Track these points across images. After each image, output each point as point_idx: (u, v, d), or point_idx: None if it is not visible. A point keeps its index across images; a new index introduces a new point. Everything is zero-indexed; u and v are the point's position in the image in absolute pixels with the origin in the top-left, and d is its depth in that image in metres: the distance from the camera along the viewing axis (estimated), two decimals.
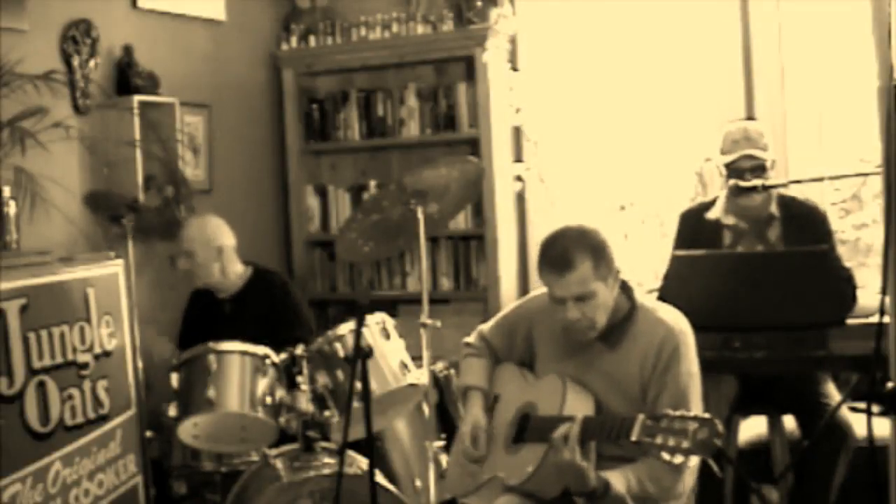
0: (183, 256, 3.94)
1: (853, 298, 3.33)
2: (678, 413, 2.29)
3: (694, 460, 2.40)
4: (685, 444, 2.23)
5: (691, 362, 2.62)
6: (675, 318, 2.66)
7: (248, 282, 3.99)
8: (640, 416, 2.35)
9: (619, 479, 2.47)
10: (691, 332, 2.66)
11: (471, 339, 3.02)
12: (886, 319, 2.12)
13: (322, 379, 3.30)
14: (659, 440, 2.28)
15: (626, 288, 2.70)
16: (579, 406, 2.59)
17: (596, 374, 2.66)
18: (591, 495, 2.44)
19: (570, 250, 2.57)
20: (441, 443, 3.45)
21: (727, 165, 3.54)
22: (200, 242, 3.91)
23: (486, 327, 3.02)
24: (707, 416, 2.26)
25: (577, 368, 2.69)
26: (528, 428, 2.70)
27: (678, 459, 2.26)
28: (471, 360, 2.97)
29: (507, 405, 2.82)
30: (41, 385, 3.06)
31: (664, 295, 3.06)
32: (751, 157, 3.49)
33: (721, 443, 2.22)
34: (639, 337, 2.63)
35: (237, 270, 3.99)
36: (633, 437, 2.33)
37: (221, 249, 3.92)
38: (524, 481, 2.61)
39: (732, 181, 3.44)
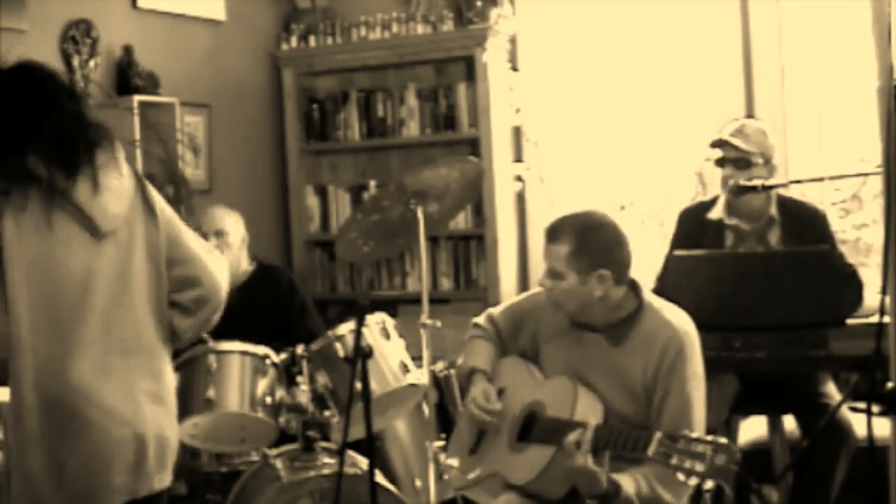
0: (212, 235, 3.97)
1: (859, 296, 3.33)
2: (695, 436, 2.30)
3: None
4: (700, 468, 2.23)
5: (696, 364, 2.62)
6: (680, 320, 2.66)
7: (252, 275, 4.03)
8: (658, 434, 2.35)
9: (629, 482, 2.47)
10: (696, 334, 2.66)
11: (480, 319, 3.02)
12: (886, 319, 2.12)
13: (322, 379, 3.30)
14: (674, 461, 2.28)
15: (634, 286, 2.70)
16: (589, 411, 2.58)
17: (600, 369, 2.66)
18: (603, 498, 2.44)
19: (563, 225, 2.63)
20: (441, 443, 3.45)
21: (717, 157, 3.54)
22: (233, 224, 4.00)
23: (496, 311, 3.02)
24: (724, 440, 2.26)
25: (580, 362, 2.69)
26: (536, 428, 2.69)
27: (692, 482, 2.27)
28: (478, 342, 2.97)
29: (512, 401, 2.80)
30: None
31: (661, 294, 3.06)
32: (733, 147, 3.48)
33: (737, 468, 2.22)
34: (644, 336, 2.64)
35: (244, 264, 4.05)
36: (650, 454, 2.33)
37: (244, 239, 4.03)
38: (530, 481, 2.61)
39: (732, 181, 3.44)
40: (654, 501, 2.49)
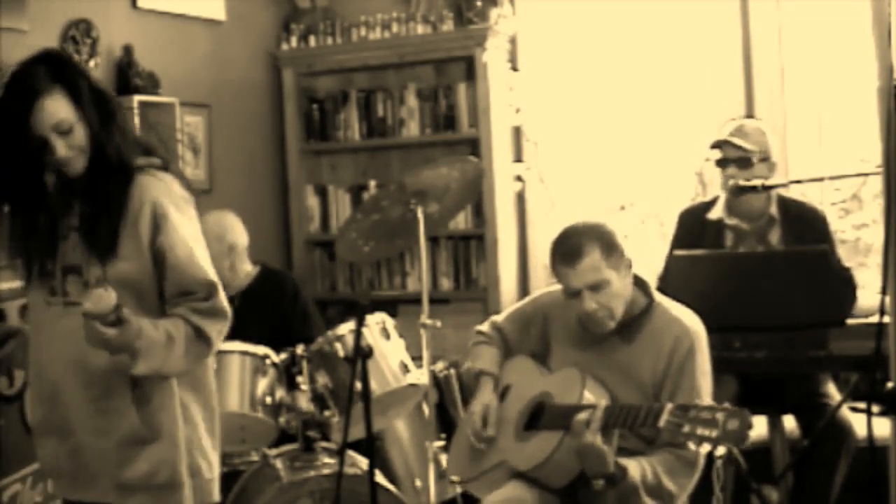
0: None
1: (853, 299, 3.33)
2: (707, 404, 2.32)
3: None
4: (714, 434, 2.26)
5: (705, 362, 2.66)
6: (689, 318, 2.70)
7: (256, 280, 4.00)
8: (669, 405, 2.37)
9: (635, 468, 2.50)
10: (704, 332, 2.69)
11: (483, 327, 3.04)
12: (886, 319, 2.12)
13: (322, 379, 3.30)
14: (686, 429, 2.30)
15: (641, 284, 2.73)
16: (597, 398, 2.60)
17: (610, 367, 2.69)
18: (610, 479, 2.47)
19: (578, 240, 2.63)
20: (441, 443, 3.45)
21: (718, 158, 3.54)
22: (213, 237, 3.91)
23: (499, 318, 3.04)
24: (736, 408, 2.28)
25: (591, 361, 2.71)
26: (544, 415, 2.70)
27: (705, 448, 2.29)
28: (482, 347, 2.99)
29: (518, 394, 2.82)
30: None
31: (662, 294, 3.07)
32: (734, 145, 3.48)
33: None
34: (654, 333, 2.67)
35: (246, 269, 4.00)
36: (661, 424, 2.35)
37: (233, 247, 3.93)
38: (537, 466, 2.62)
39: (733, 181, 3.44)
40: (658, 490, 2.52)
